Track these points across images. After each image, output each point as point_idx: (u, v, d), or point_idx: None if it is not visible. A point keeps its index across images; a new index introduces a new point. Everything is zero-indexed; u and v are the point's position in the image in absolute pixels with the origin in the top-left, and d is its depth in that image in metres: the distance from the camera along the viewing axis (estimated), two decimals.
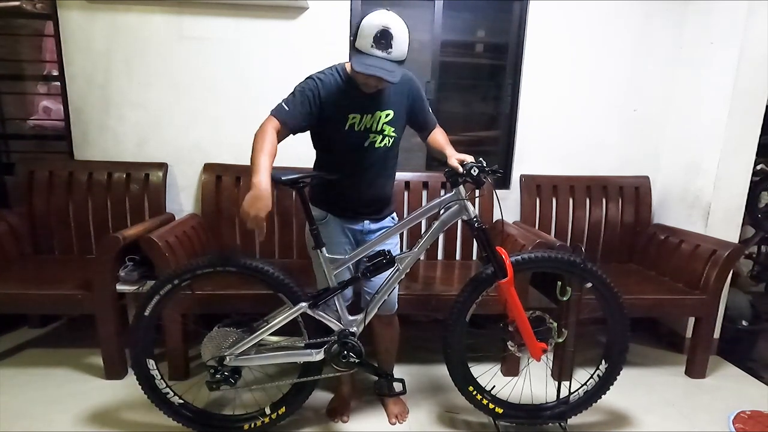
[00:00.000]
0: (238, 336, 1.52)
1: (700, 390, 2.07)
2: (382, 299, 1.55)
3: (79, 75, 2.28)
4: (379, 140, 1.52)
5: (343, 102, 1.47)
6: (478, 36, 2.60)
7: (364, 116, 1.49)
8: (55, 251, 2.32)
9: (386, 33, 1.30)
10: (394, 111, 1.52)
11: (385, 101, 1.51)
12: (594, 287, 1.59)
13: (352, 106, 1.47)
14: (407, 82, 1.54)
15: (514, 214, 2.51)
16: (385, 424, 1.77)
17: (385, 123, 1.51)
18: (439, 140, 1.64)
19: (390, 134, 1.53)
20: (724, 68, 2.15)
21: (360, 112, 1.48)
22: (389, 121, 1.51)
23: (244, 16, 2.26)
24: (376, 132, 1.51)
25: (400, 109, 1.54)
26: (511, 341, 1.59)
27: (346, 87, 1.47)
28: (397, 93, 1.53)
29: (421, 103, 1.60)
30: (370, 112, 1.49)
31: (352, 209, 1.59)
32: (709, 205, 2.22)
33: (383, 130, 1.51)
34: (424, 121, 1.63)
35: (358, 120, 1.48)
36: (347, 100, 1.47)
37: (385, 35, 1.30)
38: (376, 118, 1.50)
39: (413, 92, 1.57)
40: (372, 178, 1.56)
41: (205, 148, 2.37)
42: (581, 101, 2.48)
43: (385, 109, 1.50)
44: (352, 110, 1.48)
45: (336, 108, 1.47)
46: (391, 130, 1.53)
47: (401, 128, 1.58)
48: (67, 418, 1.73)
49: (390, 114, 1.51)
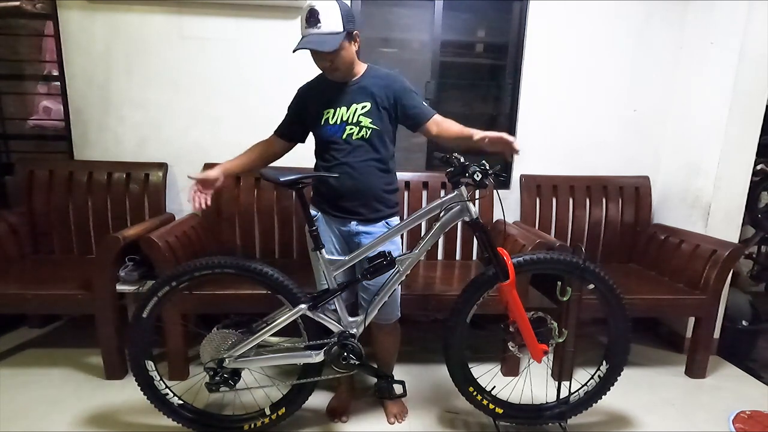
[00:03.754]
0: (237, 338, 1.52)
1: (700, 390, 2.07)
2: (382, 300, 1.55)
3: (79, 75, 2.28)
4: (356, 132, 1.55)
5: (319, 99, 1.58)
6: (478, 36, 2.60)
7: (338, 109, 1.55)
8: (55, 251, 2.32)
9: (312, 11, 1.41)
10: (371, 103, 1.55)
11: (362, 94, 1.55)
12: (596, 288, 1.59)
13: (327, 101, 1.57)
14: (386, 77, 1.58)
15: (514, 214, 2.51)
16: (385, 424, 1.77)
17: (361, 114, 1.54)
18: (452, 129, 1.56)
19: (367, 125, 1.54)
20: (724, 68, 2.15)
21: (334, 107, 1.56)
22: (366, 112, 1.55)
23: (244, 16, 2.26)
24: (352, 124, 1.54)
25: (380, 102, 1.56)
26: (511, 342, 1.59)
27: (320, 86, 1.60)
28: (378, 86, 1.56)
29: (408, 95, 1.57)
30: (345, 105, 1.55)
31: (340, 207, 1.58)
32: (709, 205, 2.22)
33: (360, 122, 1.54)
34: (416, 113, 1.57)
35: (332, 114, 1.56)
36: (323, 97, 1.58)
37: (312, 13, 1.41)
38: (352, 110, 1.55)
39: (395, 86, 1.56)
40: (353, 171, 1.55)
41: (205, 148, 2.37)
42: (581, 101, 2.48)
43: (360, 101, 1.55)
44: (327, 106, 1.57)
45: (314, 106, 1.59)
46: (368, 122, 1.55)
47: (382, 122, 1.56)
48: (67, 418, 1.73)
49: (366, 106, 1.55)
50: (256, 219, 2.34)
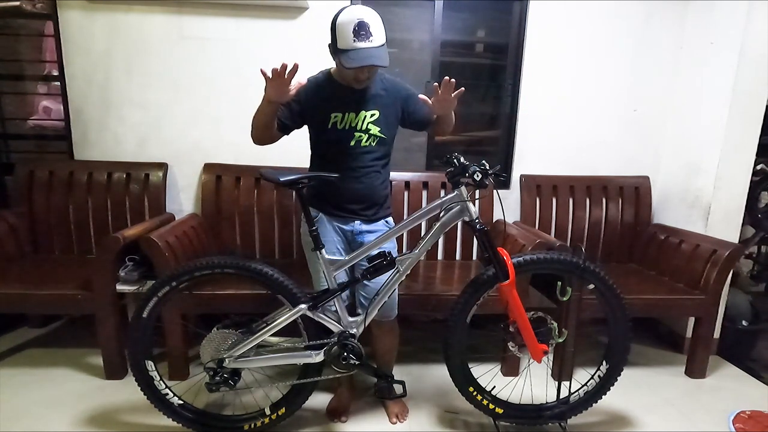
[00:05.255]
0: (237, 338, 1.52)
1: (700, 390, 2.07)
2: (382, 301, 1.55)
3: (79, 75, 2.28)
4: (365, 139, 1.55)
5: (325, 102, 1.54)
6: (478, 36, 2.60)
7: (346, 114, 1.53)
8: (55, 251, 2.32)
9: (363, 24, 1.36)
10: (381, 112, 1.56)
11: (370, 101, 1.55)
12: (596, 288, 1.59)
13: (334, 105, 1.53)
14: (391, 85, 1.59)
15: (514, 214, 2.51)
16: (385, 424, 1.77)
17: (370, 122, 1.54)
18: None
19: (376, 134, 1.56)
20: (724, 68, 2.15)
21: (342, 111, 1.53)
22: (374, 120, 1.55)
23: (244, 16, 2.26)
24: (361, 131, 1.54)
25: (388, 111, 1.57)
26: (511, 342, 1.59)
27: (328, 88, 1.55)
28: (386, 95, 1.56)
29: (412, 100, 1.61)
30: (354, 110, 1.53)
31: (343, 208, 1.60)
32: (709, 205, 2.22)
33: (368, 129, 1.55)
34: (423, 115, 1.63)
35: (340, 118, 1.53)
36: (329, 100, 1.54)
37: (362, 26, 1.36)
38: (361, 117, 1.54)
39: (401, 94, 1.60)
40: (360, 176, 1.58)
41: (205, 148, 2.37)
42: (581, 101, 2.48)
43: (370, 108, 1.55)
44: (334, 110, 1.53)
45: (318, 108, 1.55)
46: (377, 130, 1.56)
47: (389, 129, 1.60)
48: (67, 418, 1.72)
49: (375, 114, 1.55)
50: (256, 219, 2.34)
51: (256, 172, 2.27)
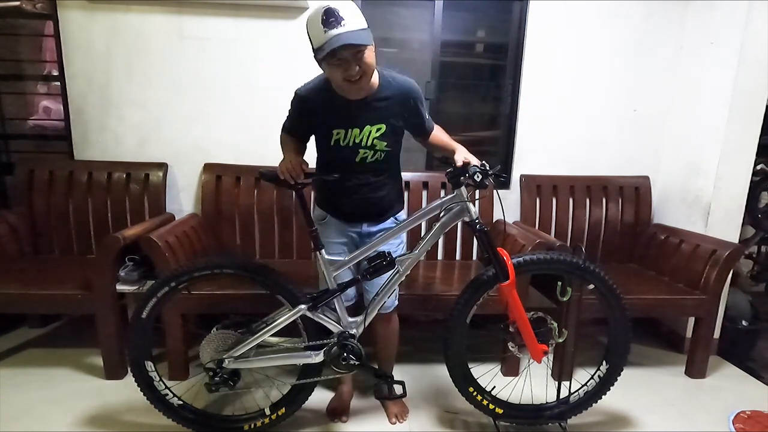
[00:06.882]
0: (236, 338, 1.52)
1: (700, 390, 2.07)
2: (381, 301, 1.55)
3: (79, 75, 2.28)
4: (371, 155, 1.48)
5: (326, 116, 1.44)
6: (478, 36, 2.60)
7: (350, 131, 1.43)
8: (55, 251, 2.32)
9: (330, 11, 1.24)
10: (387, 125, 1.46)
11: (376, 114, 1.44)
12: (596, 288, 1.59)
13: (335, 120, 1.44)
14: (407, 92, 1.48)
15: (514, 214, 2.51)
16: (385, 424, 1.77)
17: (376, 138, 1.45)
18: (441, 138, 1.63)
19: (382, 149, 1.48)
20: (724, 68, 2.15)
21: (345, 127, 1.43)
22: (380, 135, 1.45)
23: (244, 16, 2.26)
24: (366, 147, 1.46)
25: (395, 123, 1.48)
26: (511, 342, 1.59)
27: (330, 100, 1.42)
28: (393, 104, 1.46)
29: (418, 109, 1.54)
30: (358, 126, 1.43)
31: (351, 214, 1.59)
32: (709, 205, 2.22)
33: (374, 145, 1.46)
34: (419, 129, 1.60)
35: (342, 135, 1.44)
36: (331, 114, 1.43)
37: (329, 13, 1.24)
38: (365, 132, 1.43)
39: (410, 103, 1.50)
40: (367, 191, 1.54)
41: (205, 148, 2.37)
42: (581, 101, 2.48)
43: (375, 123, 1.44)
44: (336, 125, 1.43)
45: (320, 122, 1.46)
46: (383, 145, 1.47)
47: (397, 140, 1.55)
48: (67, 418, 1.72)
49: (382, 128, 1.45)
50: (256, 219, 2.34)
51: (256, 172, 2.27)
